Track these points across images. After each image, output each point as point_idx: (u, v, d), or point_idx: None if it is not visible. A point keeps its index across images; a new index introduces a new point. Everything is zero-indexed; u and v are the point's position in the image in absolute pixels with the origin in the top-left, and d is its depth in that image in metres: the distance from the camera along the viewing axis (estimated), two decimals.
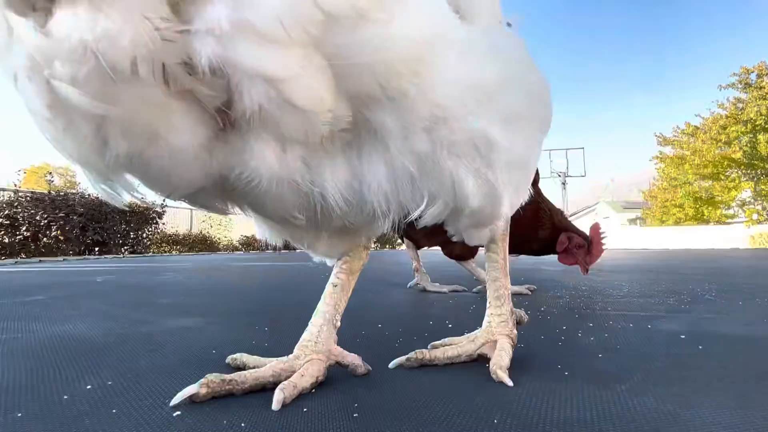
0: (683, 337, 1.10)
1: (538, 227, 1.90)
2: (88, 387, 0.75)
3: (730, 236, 18.50)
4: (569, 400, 0.68)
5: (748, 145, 21.55)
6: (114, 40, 0.41)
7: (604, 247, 1.91)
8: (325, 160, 0.57)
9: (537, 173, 1.95)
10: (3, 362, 0.91)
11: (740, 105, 21.87)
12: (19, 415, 0.63)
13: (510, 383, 0.74)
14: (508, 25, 0.83)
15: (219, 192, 0.60)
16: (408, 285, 2.22)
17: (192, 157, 0.51)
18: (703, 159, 22.07)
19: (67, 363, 0.90)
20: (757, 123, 21.20)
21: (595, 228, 1.93)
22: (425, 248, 2.24)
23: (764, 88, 21.15)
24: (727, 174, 22.38)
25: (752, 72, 21.84)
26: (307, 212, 0.61)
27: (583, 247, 1.91)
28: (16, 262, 5.25)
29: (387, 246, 17.47)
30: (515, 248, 1.97)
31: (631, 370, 0.83)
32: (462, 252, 1.99)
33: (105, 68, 0.41)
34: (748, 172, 21.92)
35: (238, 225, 14.60)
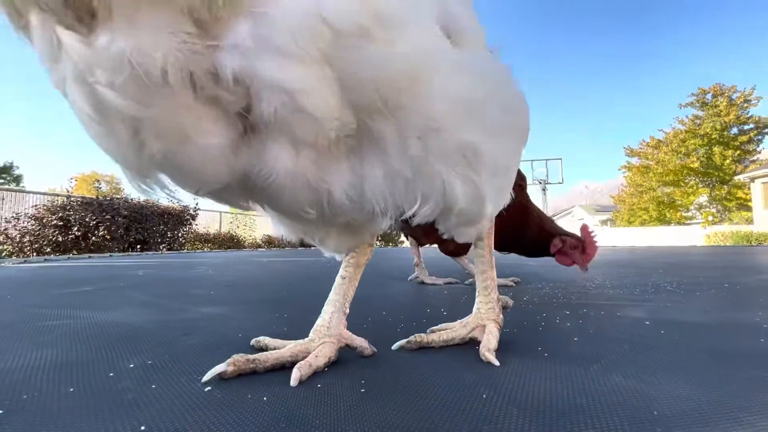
0: (647, 323, 1.10)
1: (527, 229, 1.88)
2: (131, 366, 0.76)
3: (688, 235, 18.39)
4: (549, 377, 0.68)
5: (705, 156, 21.51)
6: (146, 51, 0.42)
7: (597, 244, 1.88)
8: (332, 161, 0.58)
9: (525, 180, 1.95)
10: (59, 343, 0.92)
11: (698, 121, 21.83)
12: (72, 389, 0.64)
13: (497, 363, 0.75)
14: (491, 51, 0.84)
15: (242, 189, 0.60)
16: (408, 278, 2.22)
17: (218, 156, 0.52)
18: (665, 168, 22.02)
19: (112, 345, 0.91)
20: (713, 137, 21.17)
21: (585, 228, 1.90)
22: (426, 246, 2.24)
23: (718, 106, 21.13)
24: (686, 181, 22.32)
25: (708, 92, 21.83)
26: (317, 208, 0.62)
27: (578, 248, 1.89)
28: (68, 258, 5.28)
29: (390, 244, 17.45)
30: (507, 247, 1.97)
31: (602, 351, 0.83)
32: (456, 249, 1.99)
33: (140, 75, 0.43)
34: (705, 179, 21.87)
35: (261, 226, 14.63)
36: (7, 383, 0.66)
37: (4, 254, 6.49)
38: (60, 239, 6.86)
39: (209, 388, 0.64)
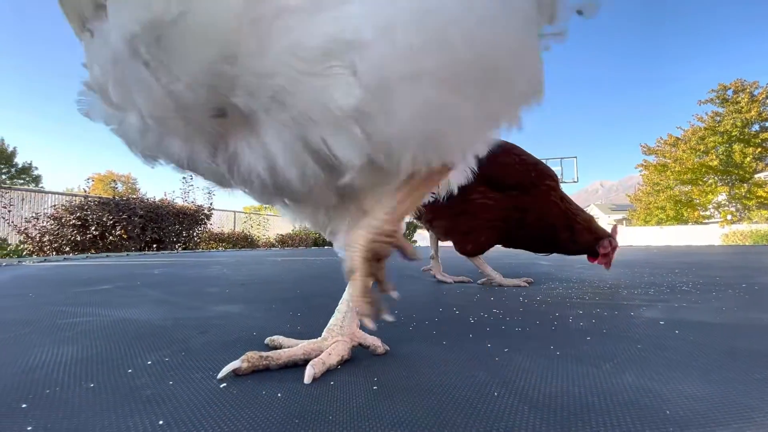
0: (662, 323, 1.09)
1: (565, 230, 1.93)
2: (149, 362, 0.77)
3: (706, 235, 17.98)
4: (561, 376, 0.68)
5: (724, 153, 20.99)
6: None
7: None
8: (241, 140, 0.59)
9: (556, 179, 1.97)
10: (79, 340, 0.95)
11: (717, 118, 21.31)
12: (92, 385, 0.66)
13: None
14: None
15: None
16: (422, 269, 2.22)
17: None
18: (683, 166, 21.55)
19: (130, 342, 0.93)
20: (733, 134, 20.64)
21: (615, 230, 2.00)
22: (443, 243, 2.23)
23: (740, 102, 20.58)
24: (704, 180, 21.81)
25: (729, 88, 21.28)
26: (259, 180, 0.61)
27: (616, 249, 1.98)
28: (87, 257, 5.40)
29: None
30: (556, 248, 1.99)
31: (615, 351, 0.83)
32: (473, 249, 1.98)
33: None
34: (724, 178, 21.33)
35: (275, 225, 14.77)
36: (30, 378, 0.69)
37: (24, 253, 6.68)
38: (78, 238, 7.02)
39: (224, 384, 0.66)
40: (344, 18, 0.48)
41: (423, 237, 22.99)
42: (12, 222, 7.17)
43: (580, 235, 1.94)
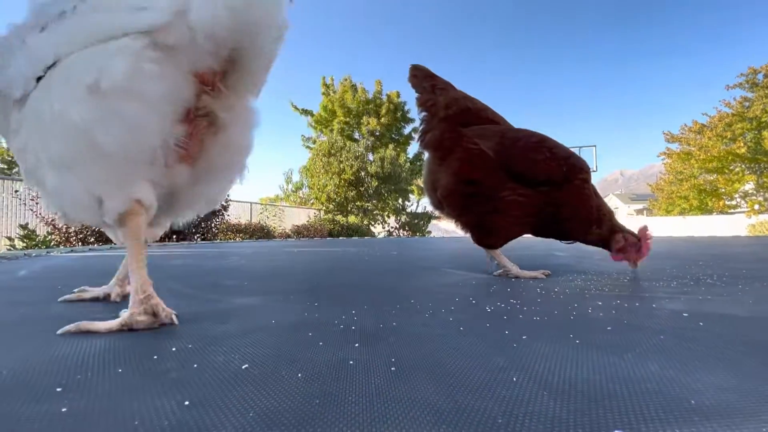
0: (686, 315, 1.07)
1: (596, 223, 1.91)
2: (173, 349, 0.80)
3: (731, 225, 17.40)
4: (581, 364, 0.68)
5: (753, 141, 20.16)
6: None
7: (650, 245, 1.91)
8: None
9: (588, 171, 1.94)
10: None
11: (746, 103, 20.43)
12: (120, 370, 0.68)
13: (59, 332, 0.90)
14: None
15: None
16: (494, 273, 2.12)
17: None
18: (709, 154, 20.80)
19: (155, 332, 0.95)
20: (762, 120, 19.79)
21: (644, 229, 1.93)
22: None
23: None
24: (731, 168, 21.02)
25: (759, 72, 20.34)
26: None
27: (635, 245, 1.90)
28: (110, 248, 5.57)
29: (417, 234, 17.42)
30: (575, 236, 1.98)
31: (637, 341, 0.82)
32: (497, 244, 1.97)
33: None
34: (752, 166, 20.52)
35: (290, 216, 14.94)
36: (63, 365, 0.72)
37: (52, 243, 6.93)
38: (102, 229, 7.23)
39: (246, 365, 0.68)
40: None
41: (438, 228, 22.94)
42: (40, 214, 7.44)
43: (602, 229, 1.93)
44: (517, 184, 1.82)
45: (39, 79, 0.88)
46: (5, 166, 11.73)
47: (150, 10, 0.81)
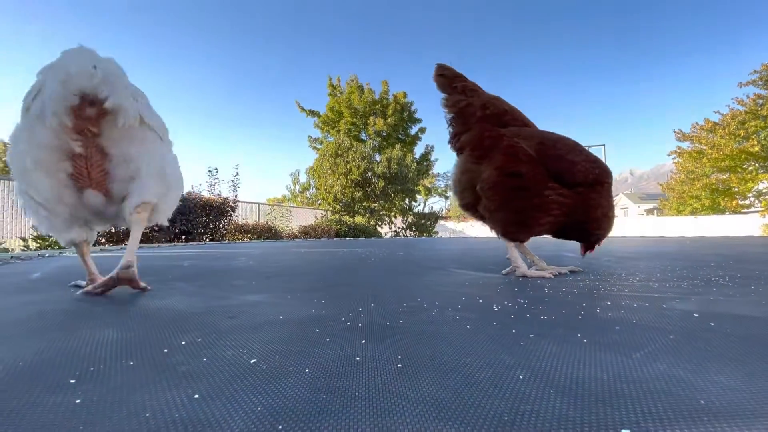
0: (696, 315, 1.05)
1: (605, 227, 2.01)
2: (183, 342, 0.81)
3: (744, 225, 17.10)
4: (588, 363, 0.67)
5: (767, 139, 19.78)
6: None
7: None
8: None
9: (611, 176, 1.99)
10: (117, 325, 1.00)
11: (760, 101, 20.05)
12: (132, 363, 0.70)
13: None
14: None
15: None
16: (509, 272, 2.14)
17: None
18: (721, 153, 20.43)
19: (165, 326, 0.97)
20: None
21: None
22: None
23: None
24: (744, 167, 20.65)
25: None
26: None
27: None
28: (121, 248, 5.65)
29: (424, 234, 17.39)
30: (574, 237, 2.06)
31: (646, 341, 0.81)
32: (525, 238, 2.01)
33: None
34: (766, 165, 20.14)
35: (297, 217, 15.01)
36: (77, 357, 0.73)
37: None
38: (112, 230, 7.34)
39: (254, 360, 0.69)
40: None
41: (445, 228, 22.86)
42: None
43: (605, 226, 2.01)
44: (556, 184, 1.87)
45: None
46: None
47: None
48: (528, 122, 2.10)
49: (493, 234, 2.08)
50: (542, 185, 1.85)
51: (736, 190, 21.08)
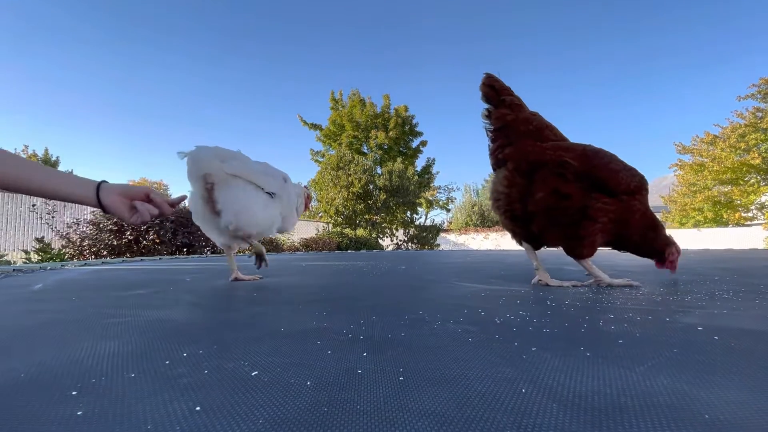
0: (700, 329, 1.05)
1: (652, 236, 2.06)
2: (185, 354, 0.81)
3: (748, 238, 17.01)
4: (591, 376, 0.67)
5: (767, 152, 19.83)
6: None
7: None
8: None
9: (646, 185, 2.03)
10: (119, 337, 1.00)
11: (759, 114, 20.17)
12: (133, 375, 0.70)
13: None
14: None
15: None
16: (531, 282, 2.17)
17: None
18: (722, 165, 20.46)
19: (166, 338, 0.97)
20: None
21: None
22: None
23: None
24: (746, 179, 20.65)
25: None
26: None
27: (678, 254, 2.10)
28: (123, 261, 5.65)
29: (426, 246, 17.34)
30: (626, 248, 2.10)
31: (649, 354, 0.80)
32: (589, 253, 2.04)
33: None
34: (767, 177, 20.14)
35: (299, 230, 15.01)
36: (78, 369, 0.73)
37: (66, 257, 7.05)
38: (114, 243, 7.36)
39: (256, 372, 0.69)
40: None
41: (447, 241, 22.82)
42: (55, 227, 7.60)
43: (659, 240, 2.06)
44: (600, 193, 1.92)
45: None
46: None
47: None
48: (564, 138, 2.15)
49: (495, 246, 2.11)
50: (587, 197, 1.91)
51: (739, 202, 21.04)
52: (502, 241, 21.40)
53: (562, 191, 1.91)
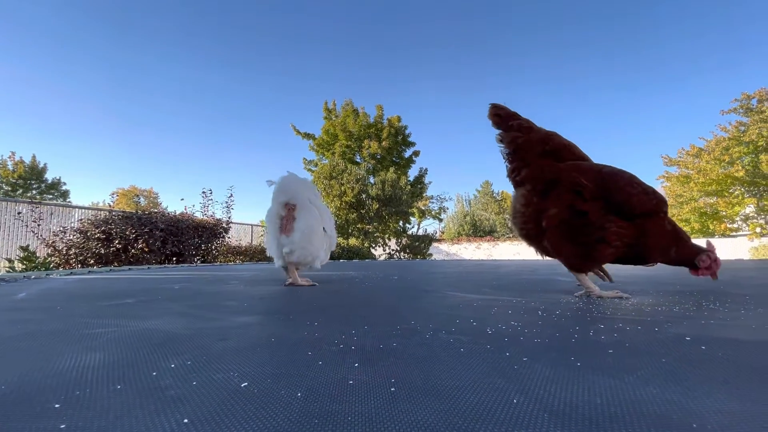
0: (688, 338, 1.06)
1: (675, 247, 2.05)
2: (172, 365, 0.80)
3: (734, 248, 17.33)
4: (582, 386, 0.67)
5: (751, 164, 20.35)
6: None
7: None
8: None
9: (666, 204, 2.06)
10: (106, 347, 0.98)
11: (742, 128, 20.71)
12: (119, 387, 0.68)
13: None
14: None
15: None
16: (575, 294, 2.16)
17: None
18: (708, 177, 20.90)
19: (154, 349, 0.96)
20: (759, 144, 20.03)
21: (710, 244, 2.13)
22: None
23: (765, 111, 20.00)
24: (730, 191, 21.11)
25: (753, 98, 20.75)
26: None
27: (716, 261, 2.06)
28: (110, 270, 5.55)
29: (418, 256, 17.34)
30: (654, 260, 2.09)
31: (639, 364, 0.81)
32: (590, 269, 2.07)
33: None
34: (751, 189, 20.62)
35: None
36: (62, 381, 0.72)
37: (52, 266, 6.91)
38: (102, 251, 7.23)
39: (246, 383, 0.68)
40: None
41: (439, 250, 22.85)
42: (40, 236, 7.45)
43: (686, 251, 2.05)
44: (616, 217, 1.94)
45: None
46: (9, 188, 11.82)
47: None
48: (584, 156, 2.18)
49: (487, 256, 2.12)
50: (603, 219, 1.92)
51: (724, 213, 21.47)
52: (494, 251, 21.56)
53: (578, 209, 1.93)
